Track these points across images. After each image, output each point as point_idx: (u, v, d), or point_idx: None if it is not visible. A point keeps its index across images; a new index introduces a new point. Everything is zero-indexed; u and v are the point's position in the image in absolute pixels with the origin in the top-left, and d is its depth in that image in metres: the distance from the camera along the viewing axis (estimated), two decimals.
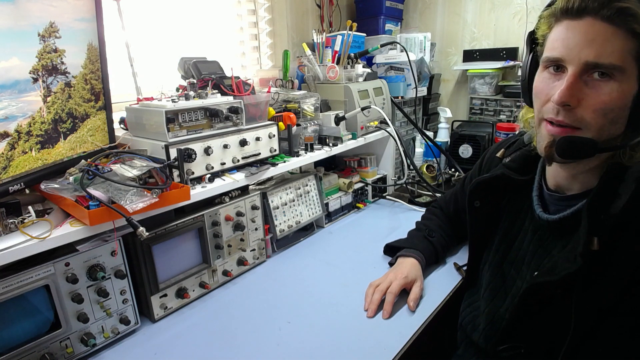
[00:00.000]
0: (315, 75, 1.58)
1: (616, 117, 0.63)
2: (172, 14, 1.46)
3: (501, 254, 0.87)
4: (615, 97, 0.61)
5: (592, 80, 0.62)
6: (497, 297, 0.85)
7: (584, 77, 0.63)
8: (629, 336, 0.65)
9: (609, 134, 0.64)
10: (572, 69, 0.63)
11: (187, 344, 0.90)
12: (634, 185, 0.63)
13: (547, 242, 0.78)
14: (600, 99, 0.62)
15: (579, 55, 0.62)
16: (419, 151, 1.94)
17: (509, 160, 0.89)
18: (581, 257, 0.64)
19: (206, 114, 1.05)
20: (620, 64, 0.60)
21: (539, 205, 0.80)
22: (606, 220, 0.64)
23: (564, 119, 0.65)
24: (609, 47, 0.60)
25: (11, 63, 0.76)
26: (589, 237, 0.64)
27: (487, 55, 2.05)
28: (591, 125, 0.63)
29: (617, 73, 0.61)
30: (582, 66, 0.62)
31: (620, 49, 0.60)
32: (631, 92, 0.62)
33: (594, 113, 0.63)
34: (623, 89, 0.61)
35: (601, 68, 0.61)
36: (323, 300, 1.02)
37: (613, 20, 0.60)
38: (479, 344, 0.85)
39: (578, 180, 0.74)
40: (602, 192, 0.66)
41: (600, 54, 0.60)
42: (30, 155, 0.82)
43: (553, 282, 0.69)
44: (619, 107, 0.62)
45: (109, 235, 0.86)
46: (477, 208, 0.92)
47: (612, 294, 0.64)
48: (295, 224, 1.33)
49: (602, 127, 0.63)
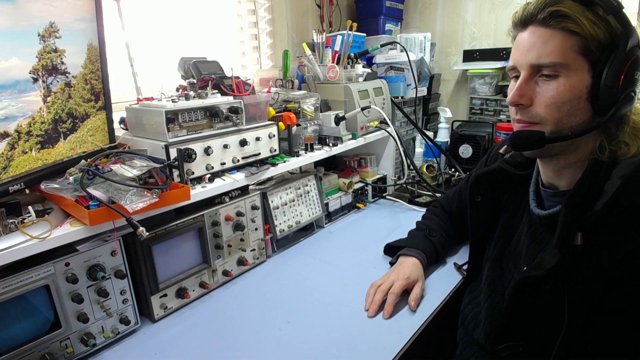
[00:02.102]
0: (315, 75, 1.58)
1: (572, 110, 0.68)
2: (172, 14, 1.46)
3: (500, 249, 0.89)
4: (563, 90, 0.67)
5: (542, 80, 0.69)
6: (495, 292, 0.86)
7: (535, 78, 0.70)
8: (617, 333, 0.66)
9: (570, 126, 0.69)
10: (522, 73, 0.70)
11: (187, 344, 0.90)
12: (619, 183, 0.64)
13: (540, 237, 0.79)
14: (549, 94, 0.68)
15: (525, 59, 0.69)
16: (419, 151, 1.94)
17: (509, 155, 0.90)
18: (558, 249, 0.67)
19: (206, 114, 1.05)
20: (560, 60, 0.66)
21: (534, 200, 0.82)
22: (590, 216, 0.65)
23: (522, 117, 0.72)
24: (547, 47, 0.66)
25: (11, 63, 0.76)
26: (565, 232, 0.66)
27: (487, 55, 2.05)
28: (547, 120, 0.69)
29: (561, 69, 0.66)
30: (528, 69, 0.69)
31: (559, 48, 0.66)
32: (582, 84, 0.66)
33: (546, 108, 0.69)
34: (570, 82, 0.66)
35: (544, 67, 0.67)
36: (323, 300, 1.02)
37: (548, 23, 0.66)
38: (479, 340, 0.86)
39: (565, 176, 0.76)
40: (582, 188, 0.69)
41: (540, 55, 0.67)
42: (30, 155, 0.82)
43: (540, 277, 0.70)
44: (570, 100, 0.67)
45: (109, 235, 0.86)
46: (479, 203, 0.93)
47: (599, 290, 0.65)
48: (295, 224, 1.33)
49: (559, 120, 0.69)
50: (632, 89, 0.65)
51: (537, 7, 0.67)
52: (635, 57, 0.64)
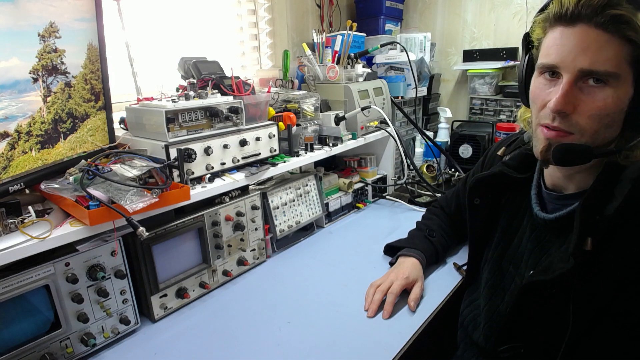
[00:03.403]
0: (315, 75, 1.58)
1: (611, 122, 0.64)
2: (172, 14, 1.46)
3: (500, 251, 0.88)
4: (610, 102, 0.62)
5: (587, 86, 0.63)
6: (495, 295, 0.86)
7: (579, 83, 0.64)
8: (625, 337, 0.65)
9: (604, 138, 0.66)
10: (567, 77, 0.64)
11: (187, 344, 0.90)
12: (630, 186, 0.63)
13: (544, 240, 0.78)
14: (595, 104, 0.63)
15: (574, 62, 0.63)
16: (419, 151, 1.94)
17: (509, 158, 0.89)
18: (573, 258, 0.65)
19: (206, 114, 1.05)
20: (614, 70, 0.61)
21: (537, 203, 0.81)
22: (601, 221, 0.64)
23: (559, 125, 0.66)
24: (603, 54, 0.61)
25: (11, 63, 0.76)
26: (581, 238, 0.64)
27: (487, 55, 2.05)
28: (586, 131, 0.64)
29: (611, 79, 0.61)
30: (576, 73, 0.63)
31: (615, 56, 0.60)
32: (626, 96, 0.63)
33: (589, 119, 0.64)
34: (618, 94, 0.62)
35: (596, 75, 0.62)
36: (323, 300, 1.02)
37: (607, 28, 0.60)
38: (479, 343, 0.85)
39: (574, 180, 0.74)
40: (596, 193, 0.67)
41: (595, 62, 0.61)
42: (30, 155, 0.82)
43: (548, 281, 0.69)
44: (613, 112, 0.63)
45: (109, 235, 0.86)
46: (477, 205, 0.92)
47: (607, 294, 0.64)
48: (295, 224, 1.33)
49: (597, 132, 0.64)
50: None
51: (594, 6, 0.60)
52: None
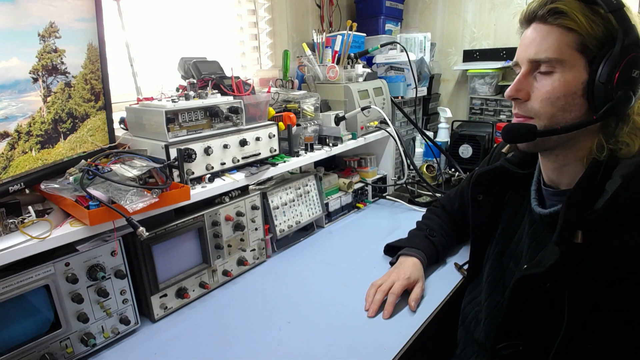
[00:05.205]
0: (315, 75, 1.58)
1: (566, 105, 0.69)
2: (172, 14, 1.46)
3: (501, 247, 0.89)
4: (557, 86, 0.68)
5: (540, 75, 0.71)
6: (496, 291, 0.86)
7: (533, 74, 0.71)
8: (617, 332, 0.66)
9: (565, 122, 0.70)
10: (522, 69, 0.73)
11: (187, 344, 0.90)
12: (620, 181, 0.64)
13: (541, 235, 0.79)
14: (545, 89, 0.69)
15: (525, 54, 0.71)
16: (419, 151, 1.94)
17: (511, 154, 0.90)
18: (557, 246, 0.67)
19: (206, 114, 1.05)
20: (556, 56, 0.67)
21: (535, 199, 0.82)
22: (590, 214, 0.65)
23: (519, 111, 0.75)
24: (544, 43, 0.68)
25: (11, 63, 0.76)
26: (566, 229, 0.67)
27: (487, 55, 2.05)
28: (541, 114, 0.71)
29: (557, 65, 0.68)
30: (527, 64, 0.71)
31: (555, 44, 0.67)
32: (578, 80, 0.67)
33: (542, 103, 0.70)
34: (566, 78, 0.68)
35: (542, 62, 0.69)
36: (323, 300, 1.02)
37: (547, 20, 0.68)
38: (479, 340, 0.86)
39: (565, 175, 0.76)
40: (582, 187, 0.69)
41: (538, 51, 0.69)
42: (30, 155, 0.82)
43: (540, 274, 0.70)
44: (564, 95, 0.68)
45: (109, 235, 0.86)
46: (480, 201, 0.93)
47: (600, 288, 0.66)
48: (295, 224, 1.33)
49: (553, 115, 0.70)
50: (629, 87, 0.65)
51: (540, 4, 0.69)
52: (632, 55, 0.64)
